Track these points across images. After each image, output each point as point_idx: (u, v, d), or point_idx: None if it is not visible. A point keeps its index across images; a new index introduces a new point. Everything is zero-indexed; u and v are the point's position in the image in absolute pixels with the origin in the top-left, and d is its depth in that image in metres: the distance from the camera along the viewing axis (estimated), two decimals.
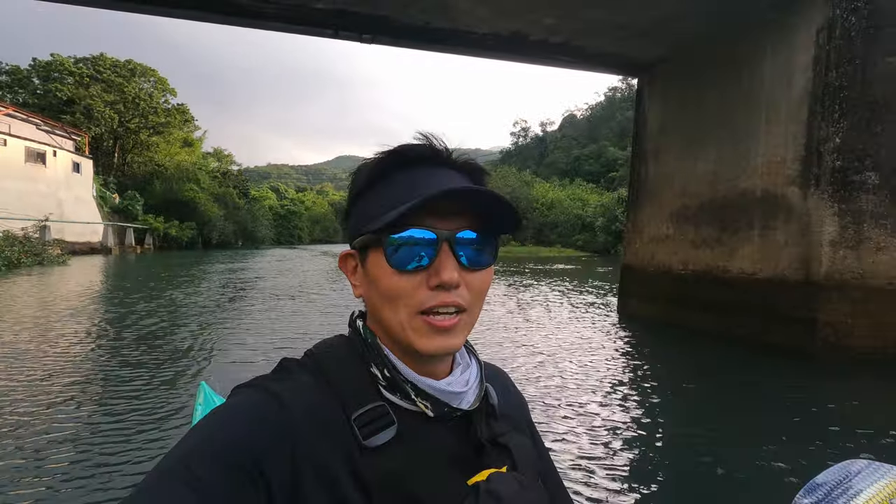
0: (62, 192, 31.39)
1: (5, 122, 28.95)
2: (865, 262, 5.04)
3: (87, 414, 3.60)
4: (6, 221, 22.96)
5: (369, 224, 0.54)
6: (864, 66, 5.10)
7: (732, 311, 6.18)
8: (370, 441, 0.50)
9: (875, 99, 5.07)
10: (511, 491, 0.52)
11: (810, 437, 3.30)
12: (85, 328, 6.77)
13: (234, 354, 5.37)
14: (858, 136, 5.09)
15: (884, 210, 5.03)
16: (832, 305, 5.11)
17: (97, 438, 3.14)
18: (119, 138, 48.83)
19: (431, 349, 0.52)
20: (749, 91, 6.16)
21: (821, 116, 5.25)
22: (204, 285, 12.90)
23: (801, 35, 5.53)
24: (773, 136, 5.80)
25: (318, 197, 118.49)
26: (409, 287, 0.52)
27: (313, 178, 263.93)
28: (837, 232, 5.10)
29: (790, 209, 5.54)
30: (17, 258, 18.47)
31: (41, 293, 11.30)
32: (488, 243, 0.56)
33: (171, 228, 43.81)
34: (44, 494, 2.49)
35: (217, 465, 0.43)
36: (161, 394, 3.99)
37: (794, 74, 5.60)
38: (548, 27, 6.51)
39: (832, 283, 5.11)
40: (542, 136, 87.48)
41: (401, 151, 0.55)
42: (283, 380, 0.53)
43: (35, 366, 4.86)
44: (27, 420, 3.46)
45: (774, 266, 5.70)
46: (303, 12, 6.02)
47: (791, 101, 5.61)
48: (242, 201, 58.92)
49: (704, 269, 6.68)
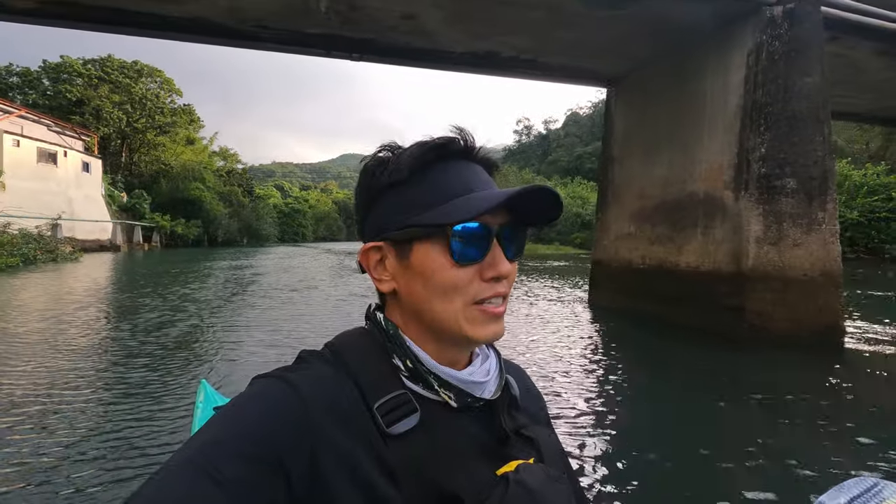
0: (73, 191, 32.40)
1: (18, 123, 29.97)
2: (784, 257, 5.76)
3: (87, 408, 3.62)
4: (21, 219, 23.92)
5: (417, 215, 0.54)
6: (786, 84, 5.82)
7: (681, 300, 6.92)
8: (393, 428, 0.50)
9: (794, 113, 5.79)
10: (540, 482, 0.52)
11: (743, 408, 3.98)
12: (91, 323, 7.12)
13: (234, 352, 5.39)
14: (780, 147, 5.81)
15: (800, 211, 5.75)
16: (757, 294, 5.84)
17: (96, 434, 3.13)
18: (126, 138, 49.85)
19: (487, 336, 0.54)
20: (694, 105, 6.89)
21: (749, 129, 5.98)
22: (208, 282, 13.60)
23: (735, 57, 6.25)
24: (713, 146, 6.53)
25: (322, 195, 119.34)
26: (466, 279, 0.53)
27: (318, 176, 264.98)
28: (762, 230, 5.83)
29: (725, 210, 6.27)
30: (34, 255, 19.41)
31: (56, 288, 12.16)
32: (524, 237, 0.59)
33: (177, 226, 44.86)
34: (43, 489, 2.43)
35: (237, 456, 0.43)
36: (161, 391, 4.01)
37: (729, 92, 6.32)
38: (516, 47, 7.26)
39: (757, 275, 5.84)
40: (545, 134, 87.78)
41: (446, 145, 0.56)
42: (302, 370, 0.53)
43: (40, 358, 5.04)
44: (26, 411, 3.50)
45: (713, 260, 6.43)
46: (296, 36, 6.81)
47: (727, 115, 6.33)
48: (247, 199, 59.85)
49: (658, 263, 7.42)
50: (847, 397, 4.16)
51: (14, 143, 28.44)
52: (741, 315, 5.92)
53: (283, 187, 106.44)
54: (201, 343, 5.89)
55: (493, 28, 6.62)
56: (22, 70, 45.52)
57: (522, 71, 8.20)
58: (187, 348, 5.61)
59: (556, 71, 8.34)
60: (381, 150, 0.58)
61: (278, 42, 6.98)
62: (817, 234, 5.73)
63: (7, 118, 29.10)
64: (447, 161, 0.56)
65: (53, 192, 30.19)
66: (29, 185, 28.37)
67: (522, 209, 0.56)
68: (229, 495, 0.41)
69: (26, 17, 6.19)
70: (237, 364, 4.92)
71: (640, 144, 8.12)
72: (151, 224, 42.31)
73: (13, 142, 28.37)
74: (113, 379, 4.42)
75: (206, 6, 5.93)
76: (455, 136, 0.57)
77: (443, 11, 6.09)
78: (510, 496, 0.49)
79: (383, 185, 0.56)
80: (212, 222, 49.10)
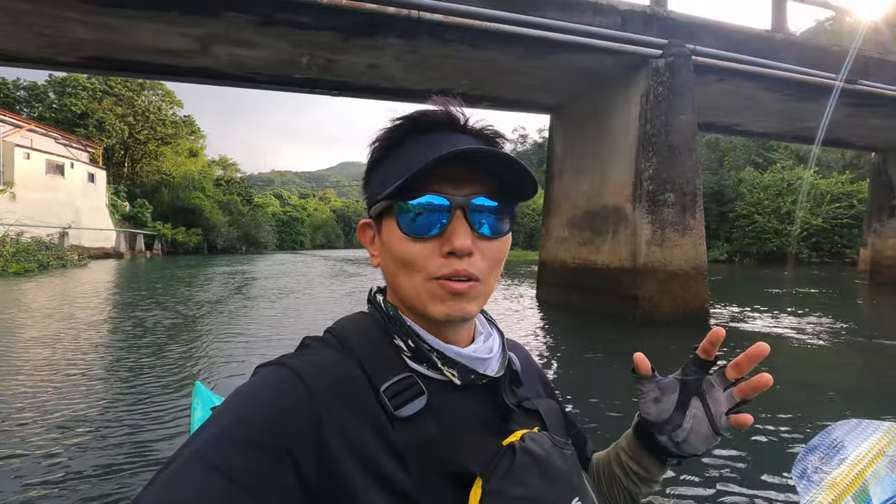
0: (79, 201, 33.96)
1: (28, 136, 31.59)
2: (666, 255, 7.32)
3: (81, 407, 3.66)
4: (33, 228, 25.48)
5: (383, 191, 0.54)
6: (667, 121, 7.42)
7: (598, 291, 8.47)
8: (401, 411, 0.50)
9: (672, 144, 7.39)
10: (545, 449, 0.53)
11: (662, 364, 5.55)
12: (94, 324, 7.40)
13: (228, 354, 5.44)
14: (663, 169, 7.39)
15: (677, 219, 7.32)
16: (647, 285, 7.40)
17: (92, 434, 3.14)
18: (129, 149, 51.51)
19: (445, 313, 0.53)
20: (607, 134, 8.50)
21: (642, 155, 7.58)
22: (204, 286, 14.67)
23: (633, 98, 7.86)
24: (619, 167, 8.12)
25: (321, 203, 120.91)
26: (423, 254, 0.52)
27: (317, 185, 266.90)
28: (650, 234, 7.40)
29: (626, 219, 7.85)
30: (47, 261, 20.94)
31: (74, 288, 13.68)
32: (505, 211, 0.55)
33: (178, 234, 46.36)
34: (40, 491, 2.42)
35: (244, 446, 0.43)
36: (158, 394, 4.02)
37: (629, 125, 7.93)
38: (468, 86, 8.88)
39: (647, 270, 7.40)
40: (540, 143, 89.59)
41: (416, 117, 0.55)
42: (306, 356, 0.53)
43: (41, 354, 5.30)
44: (21, 409, 3.58)
45: (619, 259, 8.00)
46: (285, 79, 8.43)
47: (627, 143, 7.93)
48: (246, 208, 61.27)
49: (583, 262, 8.99)
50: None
51: (25, 156, 30.00)
52: (636, 301, 7.48)
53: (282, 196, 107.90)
54: (195, 345, 5.99)
55: (443, 74, 8.24)
56: (29, 84, 47.26)
57: (476, 103, 9.81)
58: (181, 350, 5.68)
59: (506, 103, 9.97)
60: (382, 129, 0.58)
61: (271, 83, 8.60)
62: (689, 237, 7.31)
63: (18, 132, 30.74)
64: (429, 134, 0.54)
65: (62, 202, 31.74)
66: (39, 196, 29.90)
67: (506, 181, 0.54)
68: (239, 486, 0.41)
69: (69, 67, 7.80)
70: (232, 365, 4.96)
71: (572, 163, 9.73)
72: (153, 232, 43.82)
73: (24, 154, 29.93)
74: (108, 379, 4.54)
75: (213, 60, 7.54)
76: (431, 108, 0.55)
77: (400, 63, 7.71)
78: (518, 464, 0.50)
79: (370, 163, 0.58)
80: (211, 230, 50.54)
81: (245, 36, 6.65)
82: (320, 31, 6.55)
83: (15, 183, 28.26)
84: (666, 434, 0.63)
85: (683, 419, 0.62)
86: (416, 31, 6.54)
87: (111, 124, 48.05)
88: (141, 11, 5.93)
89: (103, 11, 5.92)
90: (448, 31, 6.58)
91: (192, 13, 6.00)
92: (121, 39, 6.78)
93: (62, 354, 5.39)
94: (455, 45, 7.01)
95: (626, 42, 7.27)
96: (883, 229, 14.14)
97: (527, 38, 6.84)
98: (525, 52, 7.39)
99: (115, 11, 5.92)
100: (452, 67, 8.00)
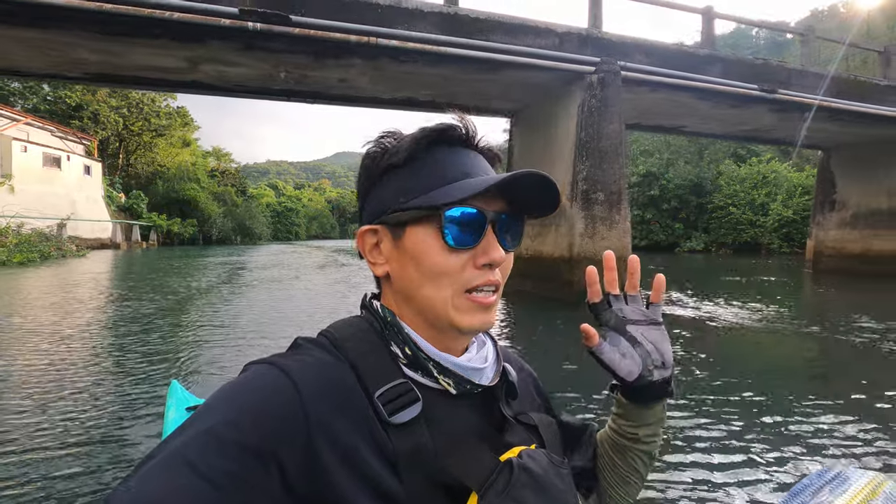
0: (75, 193, 34.73)
1: (24, 130, 32.32)
2: (596, 246, 8.47)
3: (47, 403, 3.58)
4: (33, 220, 26.42)
5: (414, 199, 0.54)
6: (598, 129, 8.53)
7: (545, 279, 9.64)
8: (395, 418, 0.50)
9: (603, 150, 8.50)
10: (542, 467, 0.53)
11: (571, 340, 6.69)
12: (84, 313, 7.58)
13: (207, 352, 5.24)
14: (594, 172, 8.52)
15: (605, 215, 8.46)
16: (580, 273, 8.55)
17: (61, 431, 3.06)
18: (123, 140, 52.06)
19: (474, 326, 0.55)
20: (554, 139, 9.60)
21: (578, 159, 8.69)
22: (195, 275, 15.43)
23: (572, 108, 8.95)
24: (562, 169, 9.23)
25: (316, 194, 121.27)
26: (458, 265, 0.54)
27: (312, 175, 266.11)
28: (584, 228, 8.55)
29: (566, 215, 8.98)
30: (48, 252, 21.97)
31: (77, 277, 14.76)
32: (521, 226, 0.60)
33: (173, 225, 47.20)
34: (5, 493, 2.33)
35: (225, 447, 0.42)
36: (131, 393, 3.87)
37: (569, 132, 9.03)
38: (429, 95, 9.94)
39: (580, 258, 8.55)
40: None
41: (446, 131, 0.57)
42: (298, 356, 0.52)
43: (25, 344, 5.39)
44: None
45: (560, 249, 9.15)
46: (266, 89, 9.47)
47: (567, 148, 9.04)
48: (240, 199, 61.93)
49: (534, 253, 10.14)
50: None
51: (22, 149, 30.72)
52: (572, 286, 8.65)
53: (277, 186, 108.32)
54: (177, 339, 5.90)
55: (405, 85, 9.30)
56: None
57: (441, 109, 10.81)
58: (161, 344, 5.57)
59: (468, 109, 10.98)
60: (384, 135, 0.59)
61: (253, 93, 9.64)
62: (616, 230, 8.47)
63: (15, 125, 31.47)
64: (446, 147, 0.57)
65: (59, 194, 32.51)
66: (36, 189, 30.68)
67: (519, 198, 0.57)
68: (218, 488, 0.40)
69: (75, 81, 8.80)
70: (209, 364, 4.75)
71: (527, 164, 10.83)
72: (149, 224, 44.64)
73: (21, 148, 30.66)
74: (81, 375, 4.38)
75: (202, 76, 8.58)
76: (455, 123, 0.58)
77: (366, 77, 8.76)
78: (515, 481, 0.50)
79: (382, 168, 0.58)
80: (206, 221, 51.31)
81: (228, 57, 7.69)
82: (294, 54, 7.59)
83: (13, 176, 29.09)
84: (651, 369, 0.65)
85: (647, 349, 0.65)
86: (377, 54, 7.59)
87: (105, 116, 48.51)
88: (138, 39, 6.95)
89: (106, 39, 6.94)
90: (404, 55, 7.63)
91: (181, 41, 7.02)
92: (120, 60, 7.80)
93: (37, 345, 5.45)
94: (411, 64, 8.07)
95: (563, 60, 8.34)
96: (825, 222, 15.34)
97: (476, 59, 7.90)
98: (476, 70, 8.45)
99: (116, 39, 6.94)
100: (414, 81, 9.05)
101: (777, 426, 3.27)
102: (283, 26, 6.65)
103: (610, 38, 8.78)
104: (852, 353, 5.55)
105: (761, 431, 3.17)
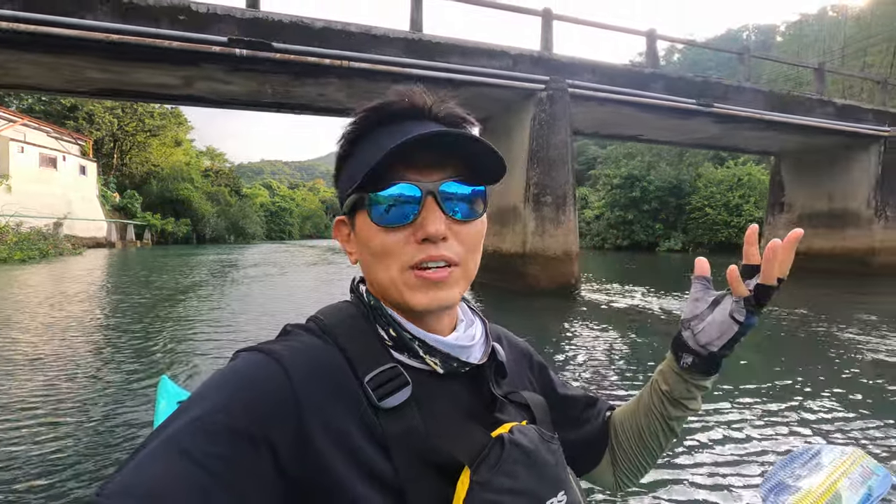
0: (71, 193, 35.40)
1: (21, 131, 33.06)
2: (546, 243, 9.61)
3: (39, 397, 3.61)
4: (31, 219, 27.26)
5: (352, 185, 0.54)
6: (547, 140, 9.66)
7: (503, 272, 10.76)
8: (385, 402, 0.50)
9: (551, 159, 9.65)
10: (533, 442, 0.53)
11: (527, 318, 7.81)
12: (77, 310, 7.74)
13: (197, 346, 5.24)
14: (544, 178, 9.65)
15: (553, 216, 9.60)
16: (532, 267, 9.69)
17: (50, 427, 3.08)
18: (118, 140, 52.68)
19: (424, 303, 0.53)
20: (512, 147, 10.72)
21: (530, 166, 9.83)
22: (187, 273, 16.34)
23: (525, 121, 10.08)
24: (518, 174, 10.36)
25: (310, 194, 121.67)
26: (397, 243, 0.53)
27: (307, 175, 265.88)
28: (535, 227, 9.68)
29: (520, 215, 10.11)
30: (46, 250, 22.88)
31: (74, 273, 15.73)
32: (476, 194, 0.56)
33: (167, 225, 47.88)
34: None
35: (218, 433, 0.42)
36: (123, 385, 3.92)
37: (524, 141, 10.16)
38: None
39: (532, 254, 9.69)
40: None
41: (378, 108, 0.56)
42: (287, 342, 0.52)
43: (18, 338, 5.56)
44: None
45: (516, 246, 10.29)
46: (256, 102, 10.55)
47: (522, 156, 10.18)
48: (234, 199, 62.54)
49: (495, 249, 11.25)
50: (574, 310, 8.02)
51: (19, 150, 31.46)
52: (525, 279, 9.79)
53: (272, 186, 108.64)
54: (167, 334, 5.94)
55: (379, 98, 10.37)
56: None
57: None
58: (151, 340, 5.57)
59: None
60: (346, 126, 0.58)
61: (244, 105, 10.72)
62: (562, 229, 9.62)
63: (12, 126, 32.22)
64: (395, 125, 0.55)
65: (55, 194, 33.19)
66: (33, 188, 31.35)
67: (471, 165, 0.55)
68: (211, 474, 0.40)
69: (84, 95, 9.85)
70: (199, 358, 4.76)
71: None
72: (143, 223, 45.34)
73: (18, 148, 31.37)
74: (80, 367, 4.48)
75: (196, 91, 9.65)
76: (392, 99, 0.56)
77: (342, 92, 9.86)
78: (506, 456, 0.50)
79: (338, 159, 0.59)
80: (200, 221, 51.96)
81: (219, 76, 8.76)
82: (277, 74, 8.68)
83: (10, 176, 29.84)
84: (690, 329, 0.65)
85: (710, 314, 0.64)
86: (350, 74, 8.69)
87: (100, 116, 49.10)
88: (140, 63, 8.02)
89: (113, 63, 8.00)
90: (373, 75, 8.74)
91: (178, 64, 8.09)
92: (124, 78, 8.85)
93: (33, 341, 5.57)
94: (381, 83, 9.17)
95: (515, 79, 9.48)
96: (775, 222, 16.61)
97: (437, 78, 9.01)
98: (439, 87, 9.52)
99: (121, 62, 8.00)
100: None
101: (754, 408, 3.42)
102: (265, 52, 7.75)
103: (559, 59, 9.92)
104: (796, 341, 6.05)
105: (742, 412, 3.30)
